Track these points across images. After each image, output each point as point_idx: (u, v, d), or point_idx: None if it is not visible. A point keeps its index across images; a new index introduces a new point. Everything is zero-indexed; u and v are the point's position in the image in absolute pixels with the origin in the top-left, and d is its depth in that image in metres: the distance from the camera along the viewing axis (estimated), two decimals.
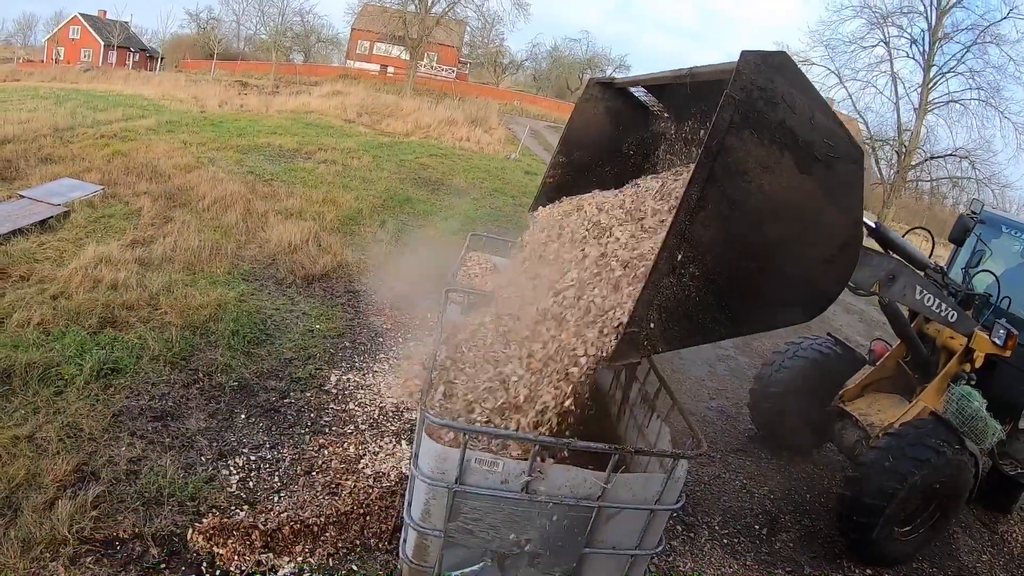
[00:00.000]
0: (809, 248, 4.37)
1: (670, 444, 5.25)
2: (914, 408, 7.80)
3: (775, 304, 4.50)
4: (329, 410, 7.85)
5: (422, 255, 14.14)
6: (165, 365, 7.95)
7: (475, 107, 46.18)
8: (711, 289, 4.16)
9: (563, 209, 7.03)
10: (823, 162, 4.16)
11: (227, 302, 9.76)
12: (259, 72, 66.12)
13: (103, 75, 51.07)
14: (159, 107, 29.98)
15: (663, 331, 4.16)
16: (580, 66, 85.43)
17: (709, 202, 3.96)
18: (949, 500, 7.29)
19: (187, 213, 13.89)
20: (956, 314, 7.09)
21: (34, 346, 7.77)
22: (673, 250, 3.98)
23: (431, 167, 24.63)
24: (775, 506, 8.19)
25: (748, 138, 3.94)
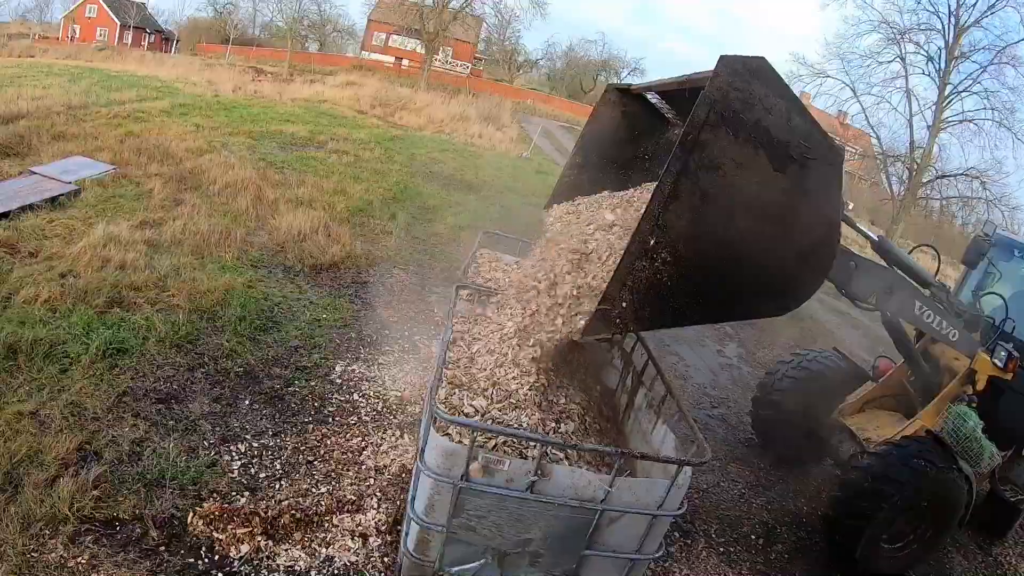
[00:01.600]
0: (783, 244, 4.50)
1: (675, 450, 5.26)
2: (912, 426, 7.80)
3: (748, 295, 4.65)
4: (333, 400, 7.84)
5: (431, 249, 14.28)
6: (171, 348, 7.94)
7: (489, 104, 46.08)
8: (682, 275, 4.32)
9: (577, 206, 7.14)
10: (798, 162, 4.32)
11: (235, 288, 9.75)
12: (274, 59, 65.94)
13: (118, 55, 51.02)
14: (173, 89, 29.93)
15: (635, 311, 4.32)
16: (595, 67, 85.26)
17: (682, 193, 4.14)
18: (941, 519, 7.28)
19: (197, 197, 13.87)
20: (958, 333, 7.12)
21: (40, 323, 7.76)
22: (646, 235, 4.16)
23: (443, 162, 24.58)
24: (772, 517, 8.18)
25: (723, 136, 4.11)
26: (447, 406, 4.79)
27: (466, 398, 4.92)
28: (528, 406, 5.02)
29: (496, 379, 5.13)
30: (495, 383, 5.10)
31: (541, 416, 5.05)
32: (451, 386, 4.99)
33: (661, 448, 5.46)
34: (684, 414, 5.40)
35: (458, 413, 4.78)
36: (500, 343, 5.60)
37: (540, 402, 5.14)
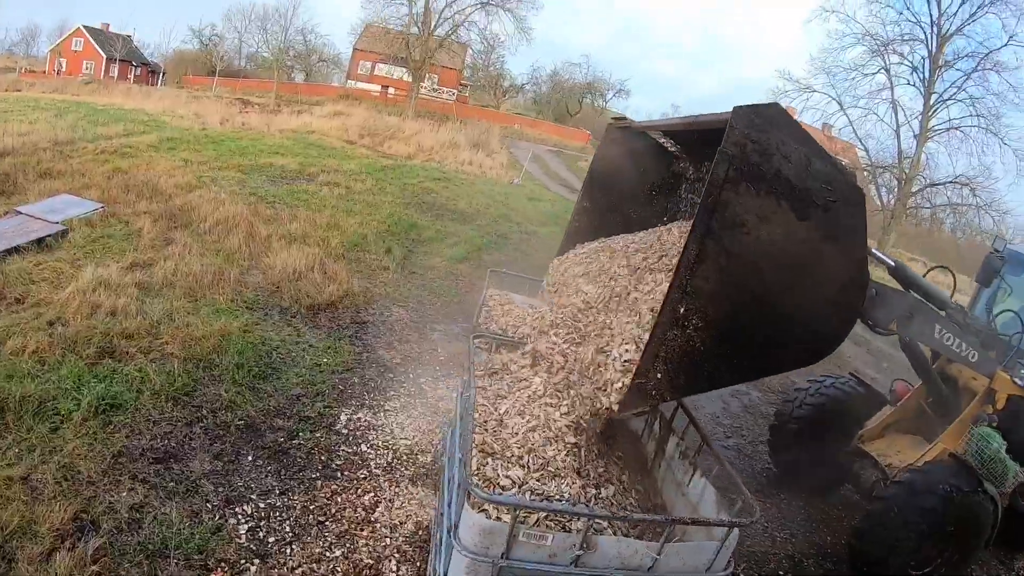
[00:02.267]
0: (812, 292, 4.44)
1: (715, 505, 5.00)
2: (934, 449, 7.72)
3: (781, 348, 4.58)
4: (340, 452, 7.49)
5: (430, 284, 14.02)
6: (167, 401, 7.56)
7: (477, 130, 46.01)
8: (715, 338, 4.25)
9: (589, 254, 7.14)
10: (822, 207, 4.25)
11: (231, 332, 9.36)
12: (260, 90, 66.01)
13: (104, 88, 51.06)
14: (160, 123, 29.75)
15: (670, 381, 4.25)
16: (580, 90, 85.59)
17: (708, 255, 4.08)
18: (967, 541, 7.20)
19: (188, 235, 13.56)
20: (977, 354, 7.08)
21: (29, 377, 7.38)
22: (676, 303, 4.11)
23: (435, 191, 24.34)
24: (797, 550, 7.97)
25: (744, 191, 4.05)
26: (480, 477, 4.43)
27: (500, 468, 4.56)
28: (568, 474, 4.70)
29: (531, 445, 4.79)
30: (530, 449, 4.76)
31: (582, 483, 4.72)
32: (482, 454, 4.63)
33: (700, 503, 5.19)
34: (726, 467, 5.12)
35: (493, 486, 4.43)
36: (530, 402, 5.27)
37: (579, 468, 4.80)
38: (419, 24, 58.49)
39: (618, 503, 4.94)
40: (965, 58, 46.60)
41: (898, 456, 8.08)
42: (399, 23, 58.61)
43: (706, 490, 5.20)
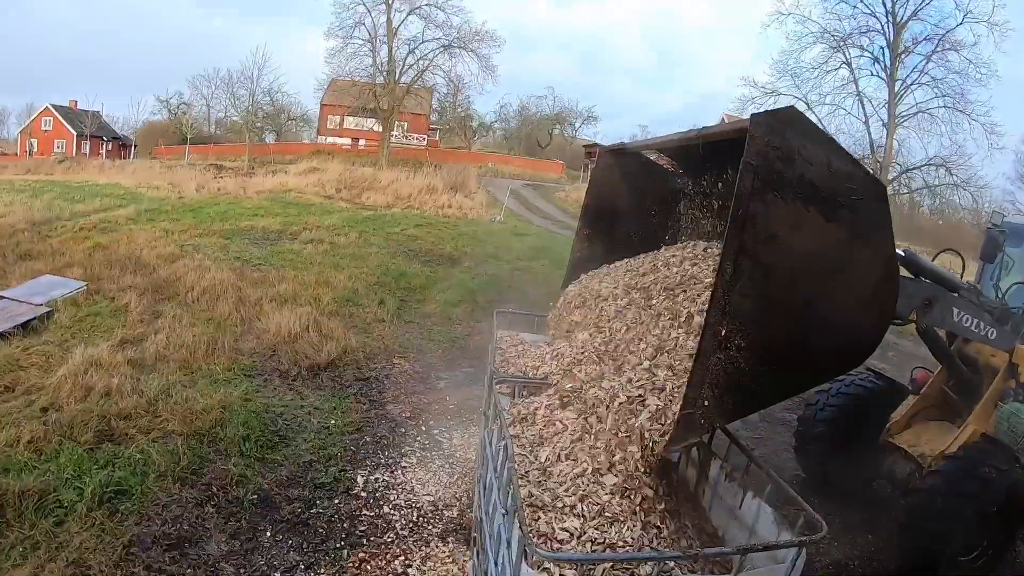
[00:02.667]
0: (848, 294, 4.32)
1: (775, 525, 4.71)
2: (964, 432, 7.60)
3: (824, 357, 4.44)
4: (363, 517, 7.13)
5: (428, 332, 13.83)
6: (174, 482, 7.17)
7: (453, 172, 46.04)
8: (759, 356, 4.12)
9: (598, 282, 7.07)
10: (847, 207, 4.14)
11: (232, 403, 9.01)
12: (233, 154, 65.95)
13: (78, 165, 51.28)
14: (136, 195, 29.63)
15: (718, 406, 4.10)
16: (549, 122, 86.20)
17: (743, 272, 3.98)
18: (1012, 520, 7.06)
19: (176, 306, 13.29)
20: (995, 331, 7.07)
21: (27, 469, 6.99)
22: (716, 327, 3.96)
23: (419, 238, 24.18)
24: (842, 553, 7.69)
25: (772, 201, 3.93)
26: (533, 533, 4.12)
27: (554, 521, 4.26)
28: (626, 517, 4.39)
29: (582, 492, 4.49)
30: (583, 497, 4.45)
31: (642, 525, 4.42)
32: (531, 508, 4.32)
33: (756, 524, 4.90)
34: (780, 483, 4.80)
35: (549, 541, 4.12)
36: (571, 446, 4.97)
37: (635, 509, 4.51)
38: (384, 73, 58.83)
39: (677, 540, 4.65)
40: (923, 42, 48.28)
41: (928, 445, 7.97)
42: (364, 74, 58.98)
43: (761, 510, 4.91)
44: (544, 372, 6.38)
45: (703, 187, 7.01)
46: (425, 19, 59.35)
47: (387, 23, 58.57)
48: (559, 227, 34.35)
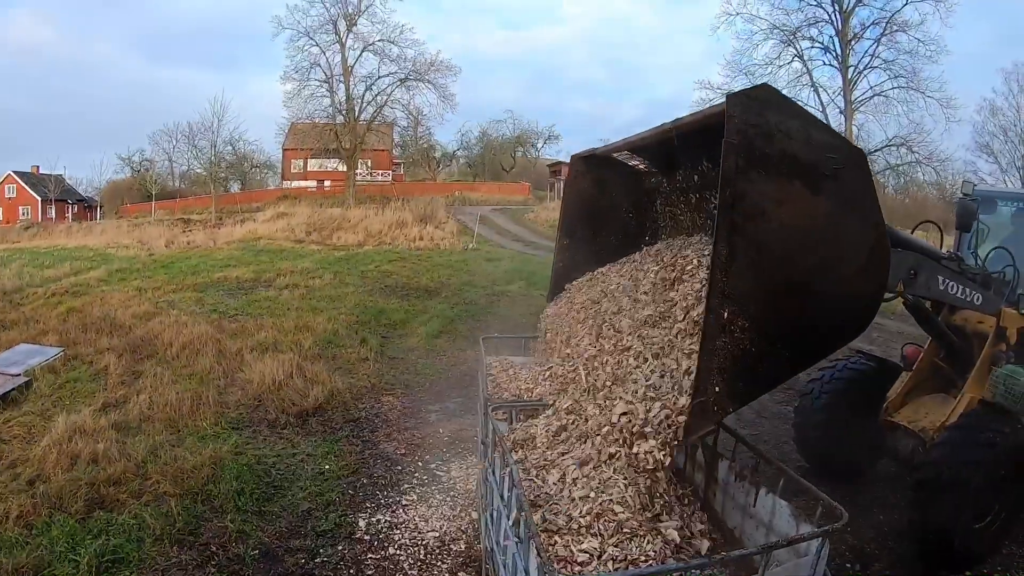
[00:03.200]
0: (842, 263, 4.34)
1: (792, 519, 4.66)
2: (962, 401, 7.69)
3: (826, 329, 4.43)
4: (368, 561, 6.96)
5: (413, 366, 13.77)
6: (171, 544, 6.98)
7: (421, 205, 46.12)
8: (763, 336, 4.07)
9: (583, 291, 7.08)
10: (831, 176, 4.17)
11: (222, 458, 8.83)
12: (199, 207, 65.72)
13: (44, 230, 51.06)
14: (106, 256, 29.51)
15: (729, 391, 4.05)
16: (511, 145, 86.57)
17: (738, 253, 3.94)
18: (1020, 481, 7.08)
19: (156, 364, 13.14)
20: (981, 296, 7.10)
21: (18, 545, 6.81)
22: (718, 310, 3.93)
23: (394, 273, 24.17)
24: (855, 537, 7.63)
25: (756, 178, 3.94)
26: (553, 559, 4.02)
27: (572, 544, 4.16)
28: (645, 531, 4.31)
29: (597, 510, 4.39)
30: (598, 515, 4.36)
31: (661, 536, 4.33)
32: (547, 534, 4.22)
33: (773, 520, 4.86)
34: (793, 476, 4.79)
35: (569, 565, 4.03)
36: (579, 466, 4.87)
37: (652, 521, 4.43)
38: (343, 112, 58.88)
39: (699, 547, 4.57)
40: (871, 26, 49.40)
41: (928, 418, 8.05)
42: (324, 115, 59.00)
43: (776, 505, 4.86)
44: (539, 394, 6.32)
45: (679, 183, 7.00)
46: (379, 55, 59.55)
47: (342, 62, 58.66)
48: (531, 248, 34.44)
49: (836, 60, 49.94)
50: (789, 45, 50.69)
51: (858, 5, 49.07)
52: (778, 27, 50.74)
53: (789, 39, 50.37)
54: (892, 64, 48.37)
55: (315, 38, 57.81)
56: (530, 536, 3.84)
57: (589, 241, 7.65)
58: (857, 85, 49.68)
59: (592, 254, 7.56)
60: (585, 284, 7.24)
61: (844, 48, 49.29)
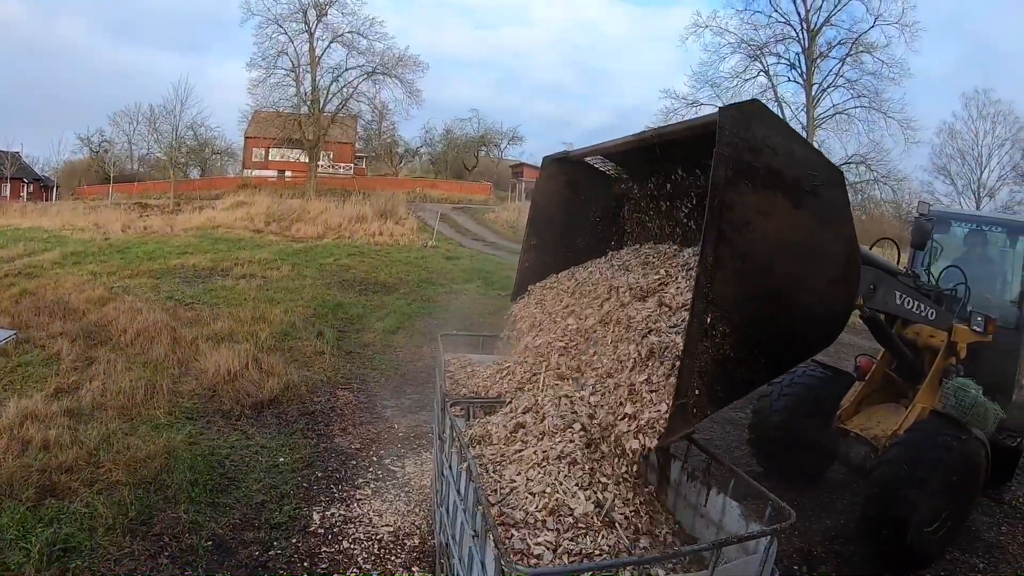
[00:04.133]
0: (817, 275, 4.51)
1: (742, 519, 4.83)
2: (913, 411, 8.03)
3: (800, 337, 4.61)
4: (323, 554, 6.98)
5: (369, 361, 13.83)
6: (124, 534, 6.92)
7: (381, 200, 45.93)
8: (742, 342, 4.25)
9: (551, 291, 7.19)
10: (811, 192, 4.34)
11: (176, 448, 8.78)
12: (157, 191, 64.73)
13: None
14: (61, 238, 29.12)
15: (708, 394, 4.21)
16: (474, 144, 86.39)
17: (723, 260, 4.10)
18: (969, 488, 7.51)
19: (110, 351, 12.96)
20: (934, 312, 7.44)
21: None
22: (702, 315, 4.08)
23: (353, 267, 24.12)
24: (803, 540, 7.89)
25: (744, 190, 4.11)
26: (510, 551, 4.10)
27: (528, 537, 4.25)
28: (600, 527, 4.44)
29: (552, 505, 4.51)
30: (552, 511, 4.47)
31: (615, 533, 4.48)
32: (504, 527, 4.31)
33: (723, 519, 5.03)
34: (743, 477, 4.93)
35: (525, 557, 4.12)
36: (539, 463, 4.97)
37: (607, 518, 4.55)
38: (308, 103, 58.50)
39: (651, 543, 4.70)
40: (837, 46, 50.54)
41: (880, 426, 8.34)
42: (288, 105, 58.59)
43: (727, 505, 5.03)
44: (496, 391, 6.40)
45: (649, 189, 7.11)
46: (348, 47, 59.46)
47: (310, 52, 58.44)
48: (491, 248, 34.55)
49: (801, 77, 51.08)
50: (756, 60, 51.83)
51: (825, 25, 50.12)
52: (746, 41, 51.91)
53: (756, 54, 51.46)
54: (855, 84, 49.85)
55: (284, 26, 57.65)
56: (487, 529, 3.94)
57: (556, 243, 7.75)
58: (820, 102, 50.87)
59: (559, 256, 7.68)
60: (550, 286, 7.34)
61: (809, 66, 50.34)
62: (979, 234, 10.09)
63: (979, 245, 10.06)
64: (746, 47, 52.19)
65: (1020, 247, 9.64)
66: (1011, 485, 9.61)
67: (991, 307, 9.03)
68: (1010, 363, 9.08)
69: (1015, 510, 9.20)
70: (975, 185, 57.53)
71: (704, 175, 5.75)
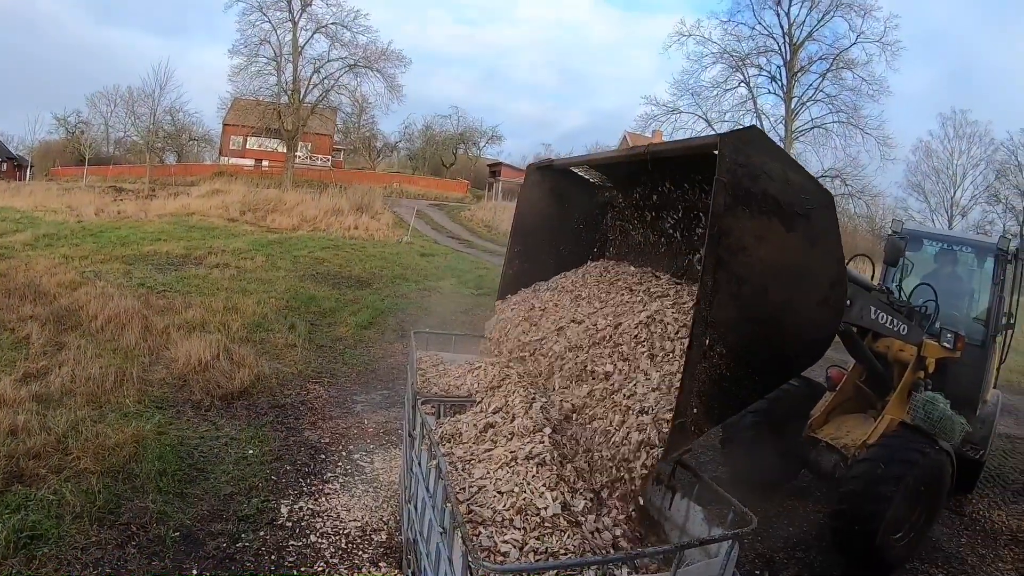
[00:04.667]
0: (807, 297, 4.66)
1: (705, 523, 5.00)
2: (883, 422, 8.28)
3: (791, 356, 4.79)
4: (290, 548, 6.99)
5: (340, 355, 13.87)
6: (92, 523, 6.89)
7: (358, 193, 45.86)
8: (738, 361, 4.38)
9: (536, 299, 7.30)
10: (803, 216, 4.48)
11: (145, 437, 8.72)
12: (133, 176, 64.09)
13: None
14: (33, 219, 28.89)
15: (706, 412, 4.35)
16: (453, 141, 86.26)
17: (721, 285, 4.23)
18: (934, 498, 7.81)
19: (80, 336, 12.88)
20: (906, 327, 7.65)
21: None
22: (700, 337, 4.20)
23: (327, 261, 24.07)
24: (766, 546, 8.04)
25: (741, 215, 4.23)
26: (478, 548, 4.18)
27: (496, 535, 4.34)
28: (566, 527, 4.54)
29: (519, 504, 4.60)
30: (520, 510, 4.57)
31: (581, 533, 4.57)
32: (472, 524, 4.38)
33: (687, 523, 5.17)
34: (707, 482, 5.12)
35: (492, 554, 4.21)
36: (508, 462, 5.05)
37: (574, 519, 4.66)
38: (289, 93, 58.18)
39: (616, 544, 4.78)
40: (819, 61, 51.28)
41: (849, 436, 8.61)
42: (268, 93, 58.22)
43: (691, 509, 5.17)
44: (467, 391, 6.47)
45: (635, 199, 7.25)
46: (331, 38, 59.11)
47: (293, 41, 58.02)
48: (465, 247, 34.62)
49: (781, 90, 51.68)
50: (737, 71, 52.38)
51: (808, 39, 50.68)
52: (728, 52, 52.47)
53: (738, 65, 52.01)
54: (835, 99, 50.64)
55: (268, 14, 57.13)
56: (456, 526, 4.02)
57: (539, 250, 7.88)
58: (799, 116, 51.48)
59: (542, 263, 7.82)
60: (531, 294, 7.47)
61: (790, 79, 50.92)
62: (949, 253, 10.36)
63: (949, 264, 10.31)
64: (728, 57, 52.80)
65: (988, 267, 9.91)
66: (971, 497, 9.98)
67: (959, 324, 9.38)
68: (975, 379, 9.41)
69: (975, 522, 9.43)
70: (948, 204, 58.86)
71: (692, 189, 5.96)
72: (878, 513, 7.15)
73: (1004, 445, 13.04)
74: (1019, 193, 57.55)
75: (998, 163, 58.72)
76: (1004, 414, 12.87)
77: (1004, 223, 56.76)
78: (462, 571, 3.93)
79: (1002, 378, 11.80)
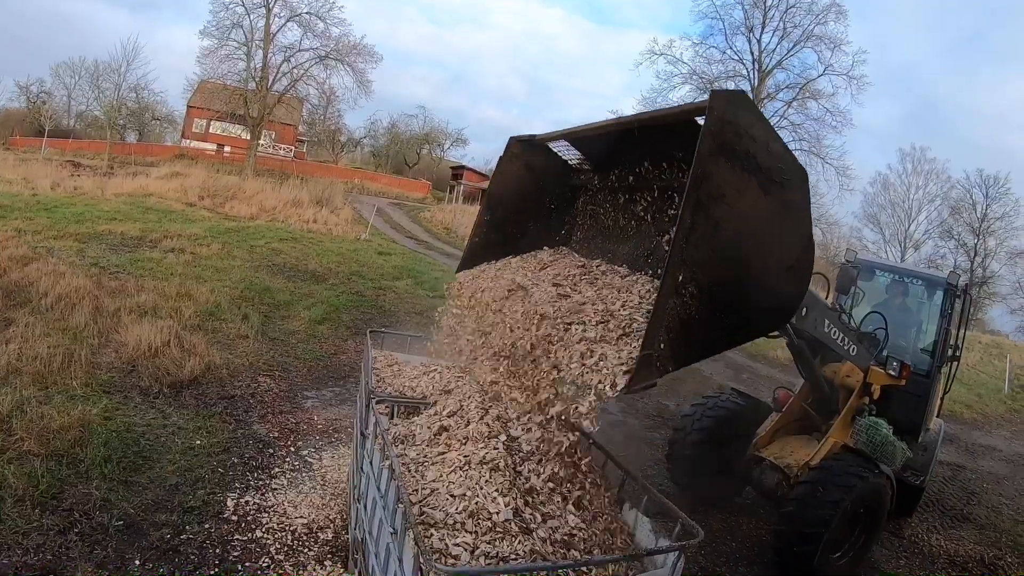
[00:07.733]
0: (775, 259, 4.77)
1: (652, 534, 5.15)
2: (826, 444, 8.49)
3: (756, 312, 4.85)
4: (235, 542, 6.97)
5: (293, 349, 13.75)
6: (34, 507, 6.81)
7: (319, 187, 45.62)
8: (708, 305, 4.46)
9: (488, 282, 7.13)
10: (779, 184, 4.58)
11: (91, 421, 8.62)
12: (92, 151, 63.03)
13: None
14: None
15: (672, 351, 4.38)
16: (417, 141, 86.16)
17: (698, 225, 4.29)
18: (873, 520, 8.08)
19: (29, 314, 12.65)
20: (856, 348, 7.88)
21: None
22: (675, 271, 4.25)
23: (284, 252, 23.85)
24: (709, 561, 8.22)
25: (723, 165, 4.33)
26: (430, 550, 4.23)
27: (447, 537, 4.39)
28: (517, 533, 4.62)
29: (472, 508, 4.69)
30: (472, 513, 4.66)
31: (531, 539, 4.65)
32: (423, 526, 4.43)
33: (635, 534, 5.31)
34: (655, 495, 5.25)
35: (444, 557, 4.26)
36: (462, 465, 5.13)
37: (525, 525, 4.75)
38: (256, 79, 57.67)
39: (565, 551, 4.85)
40: (785, 89, 51.53)
41: (793, 456, 8.80)
42: (236, 78, 57.64)
43: (639, 520, 5.31)
44: (421, 392, 6.54)
45: (610, 181, 7.22)
46: (304, 27, 58.67)
47: (265, 27, 57.47)
48: (423, 247, 34.59)
49: None
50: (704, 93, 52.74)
51: (776, 67, 51.44)
52: (698, 74, 52.96)
53: (706, 87, 52.44)
54: (799, 127, 51.28)
55: None
56: (408, 527, 4.07)
57: (510, 223, 7.81)
58: None
59: (508, 236, 7.77)
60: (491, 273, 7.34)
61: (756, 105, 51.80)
62: (901, 284, 10.67)
63: (900, 295, 10.62)
64: (697, 79, 53.56)
65: (937, 300, 10.21)
66: (911, 521, 10.30)
67: (905, 353, 9.69)
68: (920, 407, 9.72)
69: (913, 544, 9.77)
70: (902, 236, 60.23)
71: (670, 167, 6.01)
72: (817, 534, 7.34)
73: (945, 472, 13.46)
74: (971, 230, 59.25)
75: (953, 200, 60.72)
76: (946, 442, 13.37)
77: (956, 259, 58.29)
78: (413, 572, 3.99)
79: (946, 408, 12.20)
